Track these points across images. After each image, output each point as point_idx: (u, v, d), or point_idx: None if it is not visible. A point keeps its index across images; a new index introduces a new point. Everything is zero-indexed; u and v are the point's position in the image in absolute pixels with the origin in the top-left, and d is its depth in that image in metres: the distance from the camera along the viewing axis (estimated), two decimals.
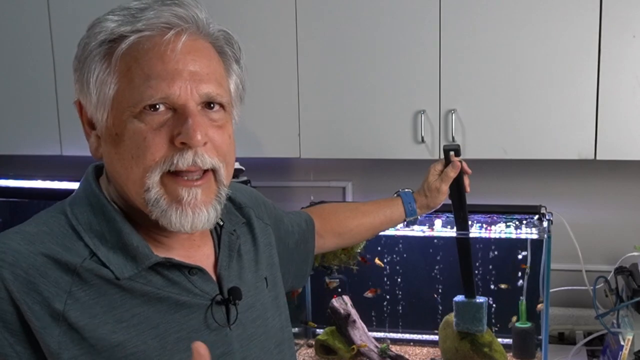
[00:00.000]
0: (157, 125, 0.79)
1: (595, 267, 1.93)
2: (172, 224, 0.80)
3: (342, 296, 1.87)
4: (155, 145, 0.79)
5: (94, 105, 0.81)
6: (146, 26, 0.79)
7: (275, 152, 1.94)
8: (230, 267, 0.93)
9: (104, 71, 0.80)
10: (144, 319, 0.80)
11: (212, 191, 0.83)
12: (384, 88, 1.81)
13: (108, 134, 0.82)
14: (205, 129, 0.81)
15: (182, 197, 0.80)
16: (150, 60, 0.79)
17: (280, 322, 1.00)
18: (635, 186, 1.98)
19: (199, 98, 0.81)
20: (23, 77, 2.10)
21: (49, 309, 0.75)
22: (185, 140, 0.78)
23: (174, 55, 0.79)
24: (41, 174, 2.10)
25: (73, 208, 0.84)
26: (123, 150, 0.80)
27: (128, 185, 0.81)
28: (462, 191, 1.42)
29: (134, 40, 0.79)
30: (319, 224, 1.28)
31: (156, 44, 0.79)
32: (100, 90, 0.80)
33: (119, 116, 0.80)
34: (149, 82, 0.78)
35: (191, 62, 0.80)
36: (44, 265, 0.77)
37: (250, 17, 1.87)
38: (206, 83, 0.81)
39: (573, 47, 1.66)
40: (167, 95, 0.79)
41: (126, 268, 0.80)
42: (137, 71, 0.79)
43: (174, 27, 0.80)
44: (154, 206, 0.80)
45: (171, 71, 0.79)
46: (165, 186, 0.80)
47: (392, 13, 1.77)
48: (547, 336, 1.66)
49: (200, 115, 0.81)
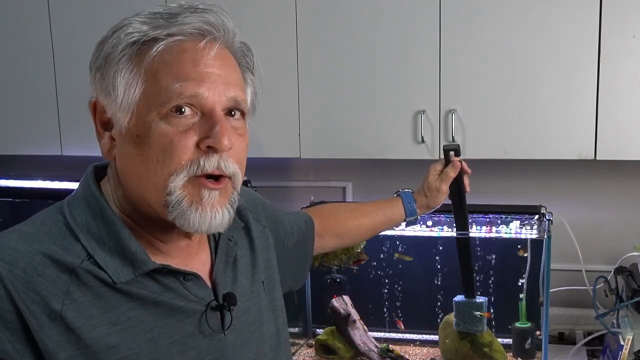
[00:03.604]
0: (184, 128, 0.79)
1: (595, 267, 1.93)
2: (191, 224, 0.80)
3: (342, 296, 1.87)
4: (181, 148, 0.79)
5: (118, 105, 0.81)
6: (179, 31, 0.80)
7: (275, 152, 1.94)
8: (226, 273, 0.93)
9: (131, 72, 0.80)
10: (138, 322, 0.80)
11: (227, 195, 0.84)
12: (384, 88, 1.81)
13: (128, 135, 0.81)
14: (230, 135, 0.82)
15: (202, 197, 0.81)
16: (181, 63, 0.80)
17: (276, 325, 1.00)
18: (635, 186, 1.98)
19: (227, 101, 0.82)
20: (23, 77, 2.10)
21: (47, 308, 0.75)
22: (214, 144, 0.79)
23: (204, 60, 0.80)
24: (41, 174, 2.09)
25: (71, 209, 0.83)
26: (147, 152, 0.80)
27: (148, 188, 0.81)
28: (462, 191, 1.42)
29: (167, 44, 0.80)
30: (319, 224, 1.28)
31: (187, 49, 0.80)
32: (126, 91, 0.80)
33: (144, 117, 0.80)
34: (178, 82, 0.79)
35: (219, 67, 0.82)
36: (42, 264, 0.77)
37: (250, 17, 1.87)
38: (233, 87, 0.83)
39: (573, 47, 1.66)
40: (196, 94, 0.79)
41: (123, 273, 0.80)
42: (167, 73, 0.79)
43: (207, 35, 0.81)
44: (174, 208, 0.80)
45: (201, 73, 0.80)
46: (187, 188, 0.80)
47: (392, 13, 1.77)
48: (547, 336, 1.66)
49: (225, 121, 0.82)
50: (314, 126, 1.88)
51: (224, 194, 0.83)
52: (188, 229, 0.81)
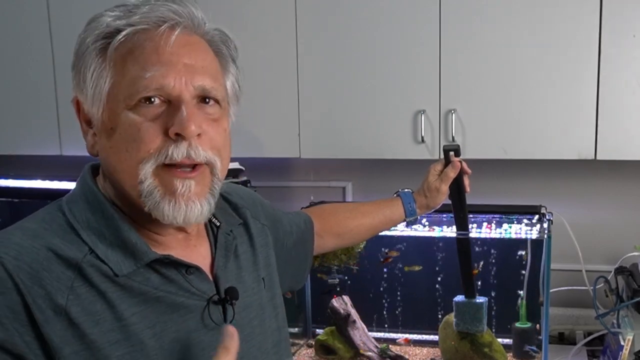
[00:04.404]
0: (152, 117, 0.79)
1: (595, 267, 1.93)
2: (165, 216, 0.80)
3: (342, 296, 1.87)
4: (149, 137, 0.79)
5: (89, 100, 0.81)
6: (141, 20, 0.80)
7: (275, 152, 1.94)
8: (227, 268, 0.93)
9: (100, 65, 0.80)
10: (141, 318, 0.80)
11: (206, 184, 0.83)
12: (384, 88, 1.81)
13: (103, 128, 0.82)
14: (200, 121, 0.81)
15: (176, 189, 0.80)
16: (145, 53, 0.79)
17: (277, 322, 1.00)
18: (635, 186, 1.98)
19: (194, 90, 0.81)
20: (23, 77, 2.10)
21: (52, 303, 0.75)
22: (179, 130, 0.78)
23: (168, 47, 0.80)
24: (41, 174, 2.09)
25: (70, 206, 0.84)
26: (117, 142, 0.80)
27: (122, 178, 0.81)
28: (462, 191, 1.42)
29: (129, 33, 0.80)
30: (319, 225, 1.28)
31: (151, 37, 0.80)
32: (96, 85, 0.80)
33: (114, 109, 0.80)
34: (143, 74, 0.78)
35: (186, 55, 0.81)
36: (47, 259, 0.77)
37: (250, 17, 1.86)
38: (201, 75, 0.81)
39: (573, 47, 1.66)
40: (162, 86, 0.79)
41: (125, 265, 0.80)
42: (132, 64, 0.79)
43: (168, 21, 0.81)
44: (147, 198, 0.80)
45: (166, 63, 0.79)
46: (159, 177, 0.80)
47: (392, 13, 1.77)
48: (547, 336, 1.66)
49: (195, 108, 0.81)
50: (314, 126, 1.88)
51: (202, 183, 0.82)
52: (163, 220, 0.81)
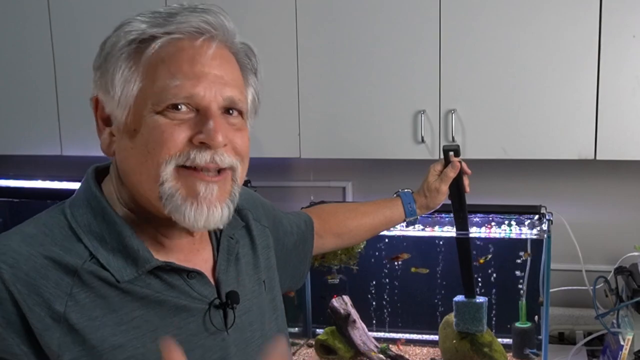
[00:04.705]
0: (178, 121, 0.80)
1: (595, 267, 1.93)
2: (186, 219, 0.80)
3: (342, 296, 1.86)
4: (172, 140, 0.79)
5: (115, 101, 0.82)
6: (177, 29, 0.81)
7: (275, 152, 1.94)
8: (229, 272, 0.93)
9: (130, 69, 0.81)
10: (143, 322, 0.80)
11: (227, 189, 0.84)
12: (384, 88, 1.81)
13: (126, 130, 0.82)
14: (226, 131, 0.82)
15: (199, 192, 0.80)
16: (178, 62, 0.80)
17: (277, 324, 1.01)
18: (635, 186, 1.98)
19: (222, 101, 0.82)
20: (23, 77, 2.10)
21: (50, 310, 0.75)
22: (207, 140, 0.79)
23: (201, 59, 0.80)
24: (41, 174, 2.09)
25: (73, 209, 0.84)
26: (139, 143, 0.80)
27: (142, 179, 0.81)
28: (462, 191, 1.42)
29: (164, 41, 0.80)
30: (319, 225, 1.28)
31: (185, 47, 0.81)
32: (124, 88, 0.81)
33: (140, 112, 0.80)
34: (174, 81, 0.79)
35: (217, 67, 0.82)
36: (45, 267, 0.77)
37: (250, 17, 1.86)
38: (230, 87, 0.83)
39: (573, 47, 1.66)
40: (191, 95, 0.79)
41: (126, 271, 0.80)
42: (163, 71, 0.80)
43: (205, 33, 0.82)
44: (168, 200, 0.80)
45: (197, 73, 0.80)
46: (180, 180, 0.80)
47: (392, 13, 1.77)
48: (547, 336, 1.66)
49: (221, 118, 0.82)
50: (314, 126, 1.88)
51: (223, 188, 0.83)
52: (184, 224, 0.81)
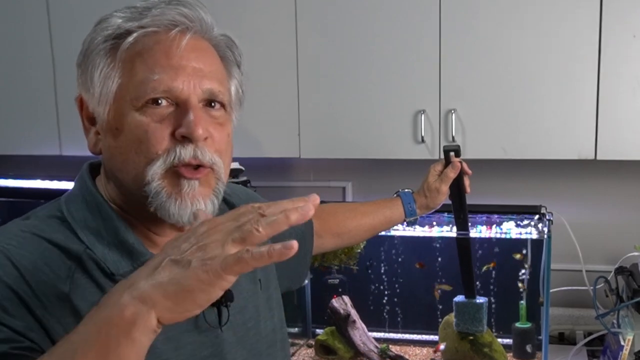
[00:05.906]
0: (159, 118, 0.80)
1: (596, 267, 1.93)
2: (171, 215, 0.80)
3: (342, 296, 1.86)
4: (156, 138, 0.79)
5: (96, 99, 0.82)
6: (152, 22, 0.81)
7: (275, 152, 1.94)
8: None
9: (108, 66, 0.81)
10: None
11: (210, 185, 0.84)
12: (384, 88, 1.81)
13: (108, 128, 0.82)
14: (206, 124, 0.81)
15: (181, 188, 0.81)
16: (155, 55, 0.80)
17: (272, 323, 1.00)
18: (635, 186, 1.98)
19: (202, 94, 0.82)
20: (23, 77, 2.10)
21: (56, 289, 0.76)
22: (187, 133, 0.79)
23: (178, 51, 0.80)
24: (40, 174, 2.09)
25: (68, 205, 0.84)
26: (124, 143, 0.80)
27: (128, 178, 0.81)
28: (462, 192, 1.42)
29: (139, 35, 0.80)
30: (318, 225, 1.27)
31: (161, 40, 0.81)
32: (104, 85, 0.81)
33: (120, 110, 0.80)
34: (152, 76, 0.79)
35: (195, 59, 0.81)
36: (49, 250, 0.78)
37: (250, 17, 1.86)
38: (209, 79, 0.82)
39: (573, 47, 1.66)
40: (170, 89, 0.79)
41: (121, 264, 0.81)
42: (141, 66, 0.80)
43: (179, 25, 0.81)
44: (154, 199, 0.80)
45: (175, 66, 0.80)
46: (166, 178, 0.80)
47: (392, 13, 1.77)
48: (547, 336, 1.66)
49: (202, 111, 0.82)
50: (314, 126, 1.88)
51: (206, 184, 0.83)
52: (169, 219, 0.81)
